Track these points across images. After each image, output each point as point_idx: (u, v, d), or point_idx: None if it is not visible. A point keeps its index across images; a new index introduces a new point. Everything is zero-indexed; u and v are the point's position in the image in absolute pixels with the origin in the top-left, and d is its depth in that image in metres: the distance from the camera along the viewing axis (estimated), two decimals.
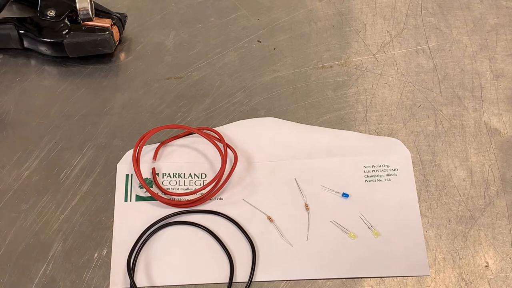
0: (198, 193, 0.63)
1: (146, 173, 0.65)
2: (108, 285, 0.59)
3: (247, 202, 0.63)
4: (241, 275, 0.59)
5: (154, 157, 0.65)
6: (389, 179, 0.64)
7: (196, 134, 0.67)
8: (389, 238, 0.61)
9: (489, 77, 0.73)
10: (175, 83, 0.72)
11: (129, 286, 0.58)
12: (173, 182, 0.64)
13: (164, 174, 0.64)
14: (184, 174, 0.65)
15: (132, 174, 0.64)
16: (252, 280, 0.59)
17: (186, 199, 0.63)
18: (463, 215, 0.64)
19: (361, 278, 0.60)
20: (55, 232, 0.62)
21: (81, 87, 0.72)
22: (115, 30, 0.72)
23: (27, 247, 0.61)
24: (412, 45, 0.76)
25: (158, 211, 0.62)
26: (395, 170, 0.65)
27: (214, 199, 0.63)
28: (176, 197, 0.63)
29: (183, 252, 0.60)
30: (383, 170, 0.65)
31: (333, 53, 0.75)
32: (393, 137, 0.68)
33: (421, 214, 0.63)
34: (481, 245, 0.62)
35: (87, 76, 0.73)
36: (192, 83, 0.73)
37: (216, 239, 0.60)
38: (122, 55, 0.74)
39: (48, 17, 0.71)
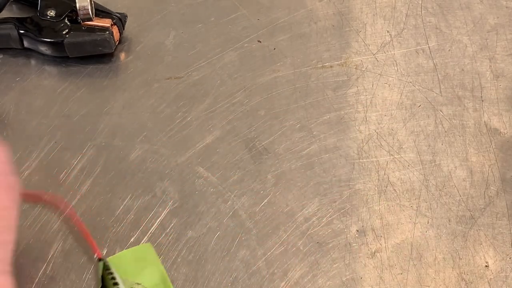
0: None
1: None
2: None
3: None
4: None
5: None
6: None
7: None
8: None
9: (489, 77, 0.73)
10: (175, 83, 0.72)
11: None
12: None
13: None
14: None
15: None
16: None
17: None
18: (463, 215, 0.64)
19: (361, 278, 0.60)
20: (55, 232, 0.62)
21: (81, 87, 0.72)
22: (115, 30, 0.72)
23: (27, 247, 0.61)
24: (412, 45, 0.76)
25: None
26: None
27: None
28: None
29: None
30: None
31: (333, 53, 0.75)
32: (393, 137, 0.68)
33: (421, 214, 0.63)
34: (481, 245, 0.62)
35: (87, 76, 0.73)
36: (192, 83, 0.73)
37: None
38: (122, 55, 0.74)
39: (48, 17, 0.71)
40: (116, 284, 0.54)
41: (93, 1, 0.71)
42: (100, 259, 0.56)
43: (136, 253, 0.58)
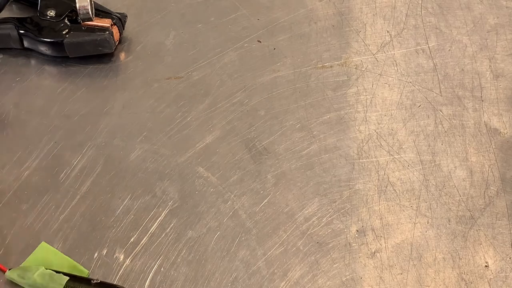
0: None
1: None
2: None
3: None
4: None
5: None
6: None
7: None
8: None
9: (489, 77, 0.73)
10: (175, 83, 0.72)
11: None
12: None
13: None
14: None
15: None
16: None
17: None
18: (463, 215, 0.64)
19: (361, 278, 0.60)
20: (55, 232, 0.62)
21: (81, 87, 0.72)
22: (115, 30, 0.72)
23: (27, 247, 0.61)
24: (412, 45, 0.76)
25: None
26: None
27: None
28: None
29: None
30: None
31: (333, 53, 0.75)
32: (393, 137, 0.68)
33: (421, 214, 0.63)
34: (481, 245, 0.62)
35: (87, 76, 0.73)
36: (192, 83, 0.73)
37: None
38: (122, 55, 0.74)
39: (48, 17, 0.71)
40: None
41: (93, 1, 0.71)
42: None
43: (36, 256, 0.60)
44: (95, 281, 0.57)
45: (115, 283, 0.59)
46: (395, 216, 0.64)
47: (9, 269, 0.58)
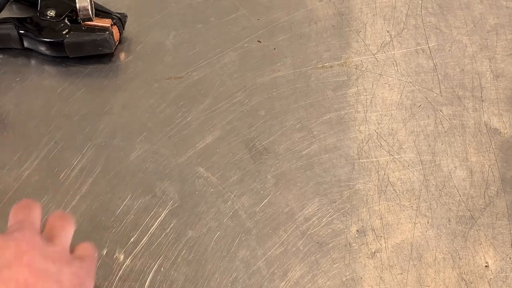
0: None
1: None
2: (108, 285, 0.59)
3: None
4: None
5: None
6: None
7: None
8: None
9: (489, 77, 0.73)
10: (175, 83, 0.72)
11: None
12: None
13: None
14: None
15: None
16: None
17: None
18: (463, 215, 0.64)
19: (361, 278, 0.60)
20: None
21: (81, 87, 0.72)
22: (115, 30, 0.72)
23: None
24: (412, 45, 0.76)
25: None
26: None
27: None
28: None
29: None
30: None
31: (333, 53, 0.75)
32: (393, 137, 0.68)
33: (421, 214, 0.63)
34: (481, 245, 0.62)
35: (87, 76, 0.73)
36: (192, 83, 0.73)
37: None
38: (122, 55, 0.74)
39: (48, 17, 0.71)
40: None
41: (93, 1, 0.71)
42: None
43: None
44: None
45: (114, 283, 0.59)
46: (395, 216, 0.64)
47: None
